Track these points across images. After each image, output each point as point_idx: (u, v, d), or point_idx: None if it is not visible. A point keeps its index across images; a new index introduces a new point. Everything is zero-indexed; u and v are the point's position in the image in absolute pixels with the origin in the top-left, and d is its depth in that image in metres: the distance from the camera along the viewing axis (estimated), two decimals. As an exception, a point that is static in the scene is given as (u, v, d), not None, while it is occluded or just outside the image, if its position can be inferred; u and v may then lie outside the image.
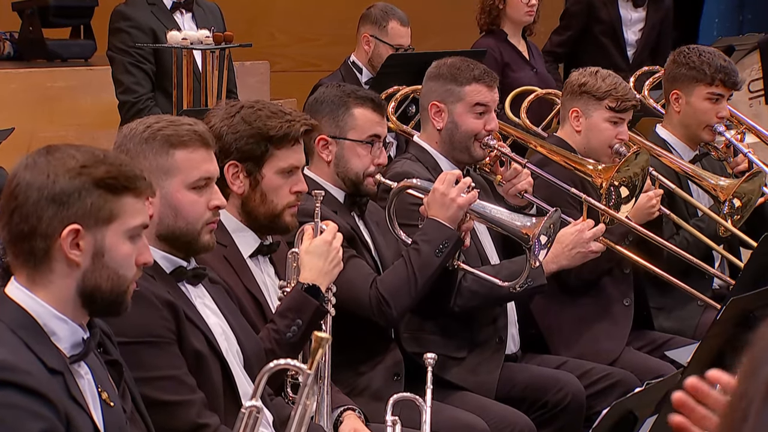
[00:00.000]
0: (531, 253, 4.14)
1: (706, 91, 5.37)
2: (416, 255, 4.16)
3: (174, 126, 3.34)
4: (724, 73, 5.37)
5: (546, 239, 4.16)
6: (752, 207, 5.19)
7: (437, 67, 4.72)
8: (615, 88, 5.00)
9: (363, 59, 6.90)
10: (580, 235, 4.62)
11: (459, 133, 4.65)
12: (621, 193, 4.83)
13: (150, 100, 6.15)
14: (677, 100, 5.44)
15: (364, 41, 6.89)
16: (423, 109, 4.75)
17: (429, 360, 3.77)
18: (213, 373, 3.31)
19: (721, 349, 3.25)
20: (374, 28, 6.88)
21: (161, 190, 3.29)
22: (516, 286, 4.26)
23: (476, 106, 4.64)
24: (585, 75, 5.06)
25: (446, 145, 4.67)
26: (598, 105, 5.01)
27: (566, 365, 4.75)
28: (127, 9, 6.31)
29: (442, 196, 4.18)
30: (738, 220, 5.18)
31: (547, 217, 4.16)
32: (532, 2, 7.30)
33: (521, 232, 4.16)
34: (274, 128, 3.73)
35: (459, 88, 4.65)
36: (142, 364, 3.15)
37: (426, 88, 4.73)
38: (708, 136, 5.43)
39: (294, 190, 3.78)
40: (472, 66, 4.67)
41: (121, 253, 2.76)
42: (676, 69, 5.45)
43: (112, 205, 2.75)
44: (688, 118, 5.42)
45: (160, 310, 3.23)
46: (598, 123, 5.01)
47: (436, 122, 4.67)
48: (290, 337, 3.62)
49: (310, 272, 3.70)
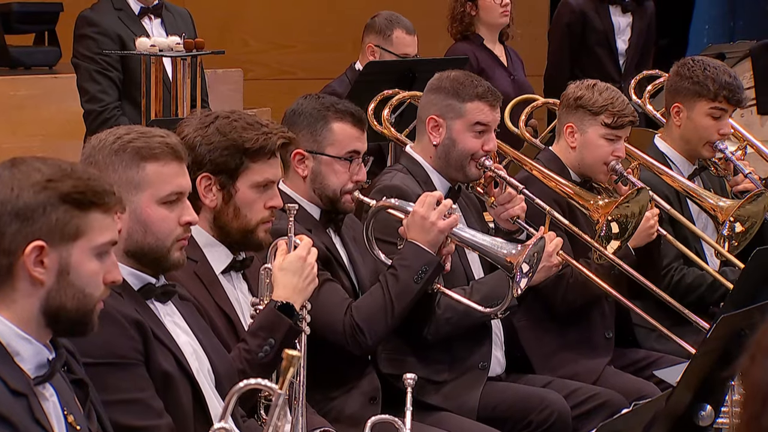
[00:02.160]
0: (513, 282, 4.14)
1: (708, 107, 5.36)
2: (394, 281, 4.16)
3: (145, 138, 3.34)
4: (729, 89, 5.35)
5: (528, 267, 4.17)
6: (753, 233, 5.17)
7: (439, 79, 4.70)
8: (612, 102, 4.97)
9: None
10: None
11: (456, 150, 4.64)
12: (612, 228, 4.82)
13: (117, 110, 6.15)
14: (678, 113, 5.43)
15: (369, 51, 6.87)
16: (420, 121, 4.73)
17: (408, 381, 3.78)
18: (182, 394, 3.31)
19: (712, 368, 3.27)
20: (379, 38, 6.87)
21: (130, 205, 3.29)
22: (498, 312, 4.28)
23: (476, 125, 4.63)
24: (582, 88, 5.04)
25: (441, 161, 4.66)
26: (593, 120, 4.98)
27: (551, 384, 4.76)
28: (92, 14, 6.30)
29: (422, 219, 4.18)
30: (735, 247, 5.16)
31: (531, 245, 4.15)
32: (506, 2, 7.26)
33: (505, 261, 4.15)
34: (250, 140, 3.73)
35: (460, 105, 4.63)
36: (107, 386, 3.14)
37: (426, 99, 4.72)
38: (708, 152, 5.43)
39: (269, 205, 3.78)
40: (476, 83, 4.65)
41: (88, 271, 2.76)
42: (680, 82, 5.43)
43: (78, 221, 2.75)
44: (689, 132, 5.42)
45: (126, 329, 3.22)
46: (594, 140, 4.99)
47: (433, 137, 4.66)
48: (262, 357, 3.62)
49: (283, 289, 3.70)
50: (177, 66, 5.77)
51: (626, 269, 4.81)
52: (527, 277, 4.17)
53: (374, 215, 4.23)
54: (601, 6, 8.02)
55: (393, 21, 6.91)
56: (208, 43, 5.96)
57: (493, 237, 4.31)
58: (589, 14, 7.98)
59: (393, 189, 4.43)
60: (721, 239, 5.17)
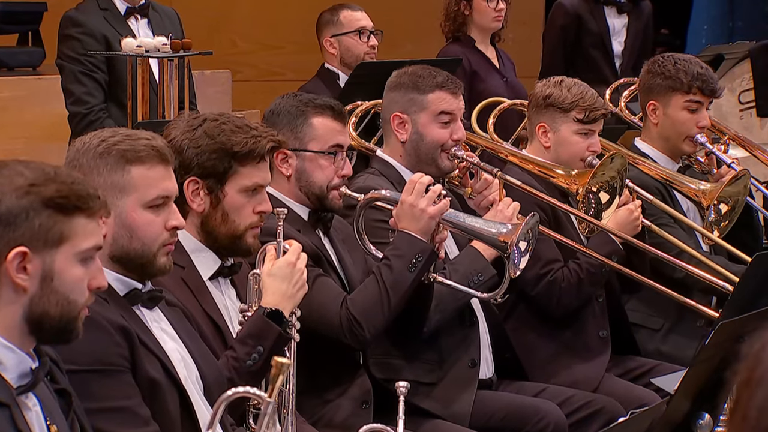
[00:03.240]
0: (510, 262, 4.16)
1: (683, 100, 5.41)
2: (388, 271, 4.17)
3: (131, 141, 3.34)
4: (702, 80, 5.39)
5: (525, 245, 4.19)
6: (740, 209, 5.21)
7: (398, 76, 4.74)
8: (582, 97, 4.99)
9: (335, 63, 6.96)
10: (502, 214, 4.57)
11: (424, 144, 4.66)
12: (601, 199, 4.86)
13: (102, 112, 6.14)
14: (654, 111, 5.47)
15: (327, 45, 6.97)
16: (385, 121, 4.76)
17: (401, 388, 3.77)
18: (170, 402, 3.30)
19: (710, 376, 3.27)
20: (330, 28, 6.98)
21: (116, 209, 3.29)
22: (497, 297, 4.30)
23: (441, 114, 4.65)
24: (549, 86, 5.06)
25: (411, 157, 4.68)
26: (565, 117, 5.01)
27: (545, 392, 4.76)
28: (77, 15, 6.30)
29: (411, 207, 4.19)
30: (726, 227, 5.19)
31: (524, 223, 4.18)
32: (500, 7, 7.28)
33: (498, 240, 4.18)
34: (239, 144, 3.73)
35: (422, 97, 4.66)
36: (93, 394, 3.14)
37: (387, 99, 4.75)
38: (689, 147, 5.46)
39: (257, 210, 3.78)
40: (435, 73, 4.68)
41: (72, 277, 2.76)
42: (651, 79, 5.48)
43: (62, 226, 2.74)
44: (667, 129, 5.45)
45: (112, 335, 3.22)
46: (567, 136, 5.02)
47: (400, 134, 4.68)
48: (251, 364, 3.62)
49: (272, 296, 3.70)
50: (164, 67, 5.76)
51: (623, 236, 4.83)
52: (526, 255, 4.19)
53: (363, 208, 4.24)
54: (596, 7, 8.03)
55: (336, 8, 7.07)
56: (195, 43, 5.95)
57: (485, 219, 4.32)
58: (583, 16, 7.99)
59: (366, 190, 4.44)
60: (709, 225, 5.18)
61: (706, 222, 5.20)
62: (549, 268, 4.89)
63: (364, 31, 6.93)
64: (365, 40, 6.92)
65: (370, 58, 6.85)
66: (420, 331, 4.47)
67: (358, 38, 6.91)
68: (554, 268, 4.89)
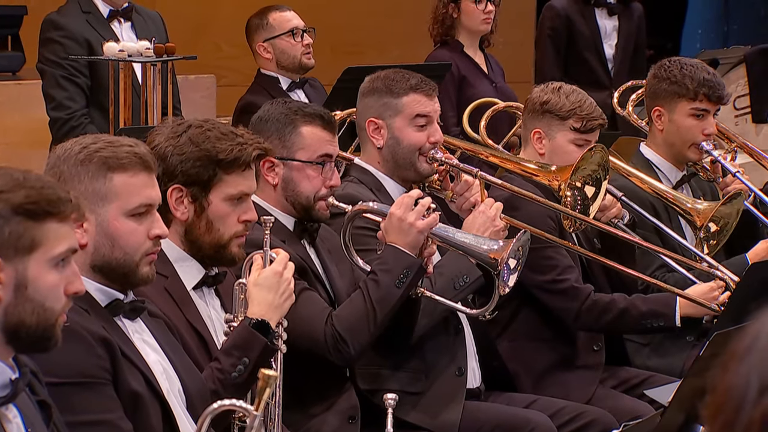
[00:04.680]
0: (500, 280, 4.15)
1: (689, 107, 5.39)
2: (375, 286, 4.17)
3: (112, 147, 3.33)
4: (708, 86, 5.38)
5: (515, 263, 4.19)
6: (729, 232, 5.20)
7: (371, 81, 4.72)
8: (580, 106, 4.97)
9: (272, 67, 6.91)
10: (485, 215, 4.58)
11: (401, 148, 4.65)
12: (587, 193, 4.86)
13: (84, 117, 6.13)
14: (660, 117, 5.45)
15: (260, 51, 6.89)
16: (360, 128, 4.74)
17: (389, 401, 3.78)
18: (152, 415, 3.30)
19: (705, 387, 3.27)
20: (261, 33, 6.90)
21: (97, 217, 3.28)
22: (485, 313, 4.30)
23: (417, 117, 4.64)
24: (547, 92, 5.03)
25: (389, 163, 4.68)
26: (561, 125, 4.98)
27: (536, 404, 4.76)
28: (59, 18, 6.29)
29: (399, 221, 4.19)
30: (714, 246, 5.19)
31: (515, 240, 4.18)
32: (489, 9, 7.26)
33: (489, 257, 4.18)
34: (224, 151, 3.73)
35: (396, 100, 4.65)
36: (73, 407, 3.13)
37: (361, 105, 4.73)
38: (694, 155, 5.45)
39: (242, 219, 3.78)
40: (408, 76, 4.67)
41: (47, 284, 2.75)
42: (657, 84, 5.47)
43: (33, 233, 2.73)
44: (672, 136, 5.44)
45: (93, 347, 3.21)
46: (563, 145, 4.99)
47: (376, 140, 4.68)
48: (236, 377, 3.61)
49: (258, 306, 3.69)
50: (147, 72, 5.76)
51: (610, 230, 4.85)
52: (515, 273, 4.18)
53: (351, 220, 4.24)
54: (587, 9, 8.03)
55: (264, 11, 6.98)
56: (179, 47, 5.95)
57: (475, 234, 4.32)
58: (574, 18, 8.00)
59: (347, 197, 4.44)
60: (700, 243, 5.18)
61: (698, 239, 5.19)
62: (566, 276, 4.90)
63: (297, 31, 6.84)
64: (299, 39, 6.84)
65: (308, 58, 6.80)
66: (406, 342, 4.47)
67: (291, 39, 6.83)
68: (571, 277, 4.89)
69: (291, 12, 6.96)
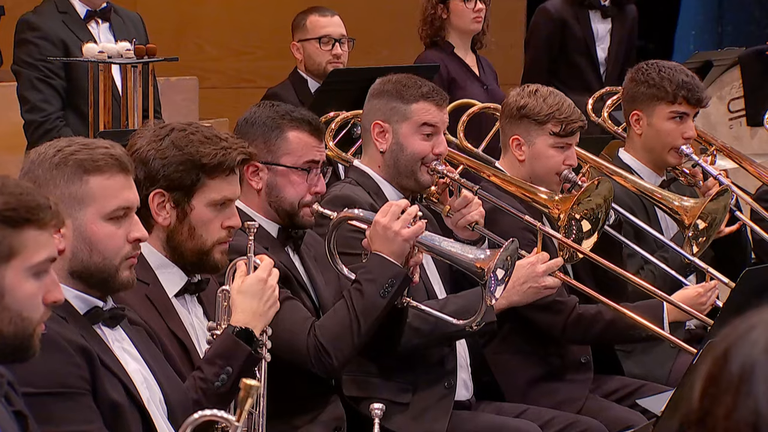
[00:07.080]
0: (486, 290, 4.14)
1: (668, 110, 5.40)
2: (359, 296, 4.15)
3: (88, 150, 3.32)
4: (687, 89, 5.39)
5: (503, 273, 4.17)
6: (717, 227, 5.21)
7: (382, 83, 4.73)
8: (558, 109, 4.94)
9: (302, 68, 6.97)
10: (532, 268, 4.62)
11: (404, 155, 4.65)
12: (582, 227, 4.84)
13: (59, 120, 6.12)
14: (638, 121, 5.46)
15: (294, 50, 6.96)
16: (364, 129, 4.75)
17: (376, 411, 3.76)
18: (132, 426, 3.29)
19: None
20: (298, 32, 6.98)
21: (74, 222, 3.27)
22: (471, 325, 4.27)
23: (424, 126, 4.65)
24: (524, 96, 5.00)
25: (390, 168, 4.68)
26: (540, 130, 4.95)
27: (527, 414, 4.76)
28: (35, 18, 6.28)
29: (384, 229, 4.17)
30: (703, 243, 5.19)
31: (503, 249, 4.15)
32: (478, 8, 7.24)
33: (475, 267, 4.16)
34: (208, 155, 3.72)
35: (405, 106, 4.65)
36: (52, 418, 3.13)
37: (369, 106, 4.74)
38: (674, 159, 5.46)
39: (226, 225, 3.77)
40: (420, 83, 4.69)
41: (25, 293, 2.74)
42: (635, 88, 5.47)
43: (11, 240, 2.72)
44: (652, 140, 5.45)
45: (71, 356, 3.20)
46: (543, 150, 4.97)
47: (379, 143, 4.68)
48: (219, 386, 3.60)
49: (242, 314, 3.69)
50: (127, 74, 5.74)
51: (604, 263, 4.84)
52: (503, 284, 4.17)
53: (336, 227, 4.23)
54: (581, 12, 8.04)
55: (306, 12, 7.03)
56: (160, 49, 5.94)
57: (462, 243, 4.31)
58: (568, 21, 8.00)
59: (342, 198, 4.43)
60: (689, 242, 5.18)
61: (686, 239, 5.19)
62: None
63: (327, 40, 6.87)
64: (328, 48, 6.87)
65: (333, 67, 6.80)
66: (391, 353, 4.45)
67: (319, 46, 6.87)
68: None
69: (332, 18, 6.97)
